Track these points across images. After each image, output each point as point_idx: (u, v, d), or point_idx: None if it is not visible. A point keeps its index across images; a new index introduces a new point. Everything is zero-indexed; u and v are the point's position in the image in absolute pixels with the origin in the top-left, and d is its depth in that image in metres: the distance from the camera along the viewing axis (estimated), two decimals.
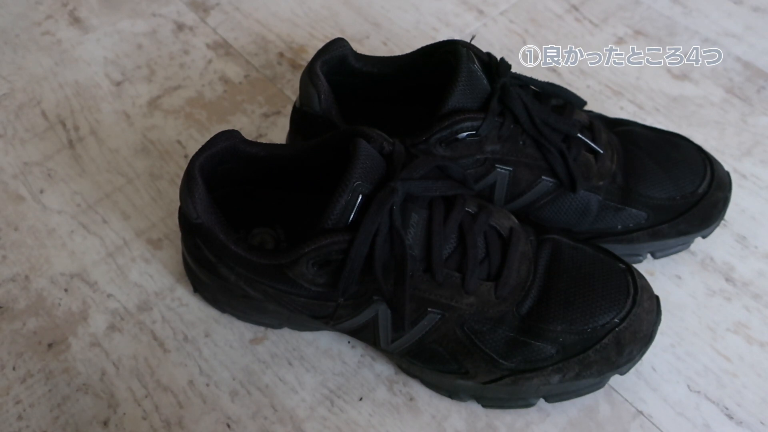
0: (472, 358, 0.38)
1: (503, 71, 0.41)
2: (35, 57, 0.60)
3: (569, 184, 0.42)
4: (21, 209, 0.50)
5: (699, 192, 0.45)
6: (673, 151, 0.46)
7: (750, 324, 0.45)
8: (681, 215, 0.44)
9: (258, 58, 0.60)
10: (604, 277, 0.39)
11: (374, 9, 0.65)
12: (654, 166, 0.45)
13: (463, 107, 0.40)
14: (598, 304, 0.38)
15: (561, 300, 0.38)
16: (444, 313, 0.37)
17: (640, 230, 0.45)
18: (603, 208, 0.44)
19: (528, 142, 0.42)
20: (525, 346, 0.38)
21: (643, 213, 0.44)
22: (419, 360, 0.40)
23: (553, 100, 0.44)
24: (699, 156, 0.46)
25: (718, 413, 0.41)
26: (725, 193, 0.46)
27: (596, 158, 0.43)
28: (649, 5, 0.65)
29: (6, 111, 0.56)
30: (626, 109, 0.57)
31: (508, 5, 0.65)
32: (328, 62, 0.43)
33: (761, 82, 0.59)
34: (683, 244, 0.46)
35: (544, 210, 0.44)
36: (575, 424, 0.41)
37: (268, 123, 0.56)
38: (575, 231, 0.44)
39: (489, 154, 0.41)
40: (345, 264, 0.34)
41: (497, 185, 0.43)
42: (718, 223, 0.46)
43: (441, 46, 0.42)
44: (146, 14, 0.64)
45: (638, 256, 0.46)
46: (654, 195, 0.44)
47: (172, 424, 0.41)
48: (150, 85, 0.58)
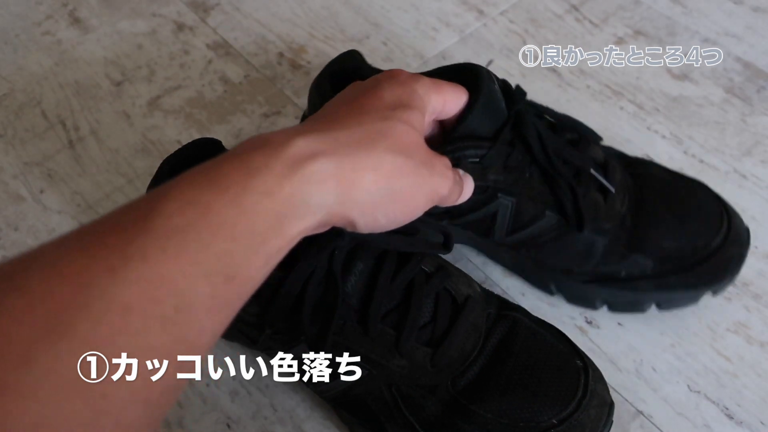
0: (395, 423, 0.36)
1: (518, 98, 0.39)
2: (35, 57, 0.60)
3: (576, 223, 0.40)
4: (21, 209, 0.50)
5: (712, 246, 0.42)
6: (690, 199, 0.43)
7: (750, 324, 0.45)
8: (690, 268, 0.41)
9: (258, 58, 0.60)
10: (555, 372, 0.36)
11: (374, 9, 0.65)
12: (666, 214, 0.42)
13: (473, 133, 0.38)
14: (539, 400, 0.34)
15: (501, 385, 0.35)
16: (371, 370, 0.35)
17: (646, 279, 0.42)
18: (608, 252, 0.42)
19: (535, 174, 0.40)
20: (450, 427, 0.35)
21: (649, 262, 0.41)
22: (346, 410, 0.38)
23: (567, 134, 0.42)
24: (717, 206, 0.43)
25: (718, 413, 0.41)
26: (741, 249, 0.42)
27: (606, 199, 0.41)
28: (649, 5, 0.65)
29: (6, 111, 0.56)
30: (626, 109, 0.57)
31: (508, 5, 0.65)
32: (339, 74, 0.42)
33: (761, 82, 0.59)
34: (692, 298, 0.43)
35: (545, 247, 0.42)
36: None
37: (268, 123, 0.56)
38: (576, 272, 0.43)
39: (492, 182, 0.40)
40: (273, 300, 0.33)
41: (499, 215, 0.41)
42: (731, 281, 0.43)
43: (460, 68, 0.40)
44: (146, 14, 0.64)
45: (642, 305, 0.43)
46: (663, 244, 0.41)
47: (172, 424, 0.41)
48: (150, 85, 0.58)
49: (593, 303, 0.44)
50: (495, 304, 0.39)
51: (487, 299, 0.38)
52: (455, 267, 0.39)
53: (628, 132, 0.55)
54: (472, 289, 0.38)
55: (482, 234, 0.43)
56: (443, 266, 0.37)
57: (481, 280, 0.46)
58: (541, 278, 0.45)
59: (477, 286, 0.39)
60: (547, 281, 0.45)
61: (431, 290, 0.35)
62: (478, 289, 0.38)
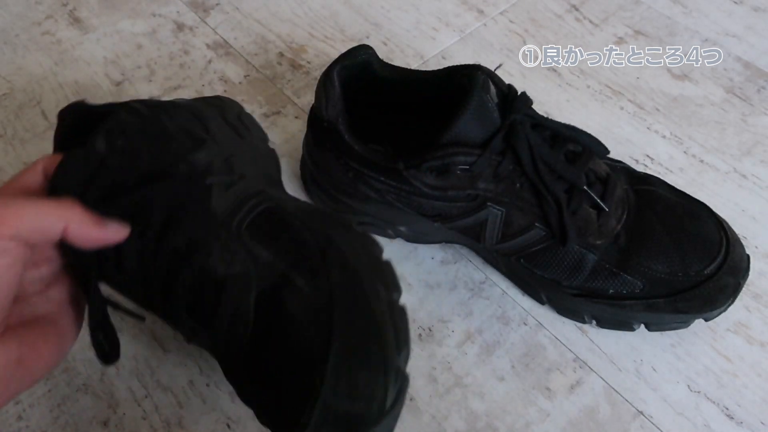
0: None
1: (519, 107, 0.39)
2: (35, 57, 0.60)
3: (560, 238, 0.40)
4: None
5: (705, 273, 0.41)
6: (690, 223, 0.42)
7: (750, 324, 0.45)
8: (679, 293, 0.41)
9: (258, 58, 0.60)
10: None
11: (374, 9, 0.65)
12: (663, 235, 0.41)
13: (463, 140, 0.38)
14: None
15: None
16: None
17: (634, 299, 0.41)
18: (597, 269, 0.41)
19: (526, 185, 0.40)
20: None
21: (638, 282, 0.41)
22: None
23: (570, 146, 0.41)
24: (717, 233, 0.42)
25: (718, 413, 0.41)
26: (737, 279, 0.41)
27: (599, 215, 0.41)
28: (649, 5, 0.65)
29: (6, 111, 0.56)
30: (626, 109, 0.57)
31: (508, 5, 0.65)
32: (349, 67, 0.42)
33: (761, 82, 0.59)
34: (682, 322, 0.42)
35: (535, 257, 0.42)
36: (575, 424, 0.41)
37: (268, 123, 0.56)
38: (565, 285, 0.42)
39: (481, 191, 0.40)
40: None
41: (488, 223, 0.41)
42: (724, 309, 0.42)
43: (462, 70, 0.41)
44: (146, 14, 0.64)
45: (631, 324, 0.43)
46: (653, 266, 0.41)
47: (172, 424, 0.41)
48: (150, 85, 0.58)
49: (582, 317, 0.44)
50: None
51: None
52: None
53: (628, 132, 0.55)
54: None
55: (474, 239, 0.43)
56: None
57: (481, 280, 0.46)
58: (532, 287, 0.45)
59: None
60: (539, 291, 0.45)
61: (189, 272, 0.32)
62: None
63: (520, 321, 0.45)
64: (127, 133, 0.33)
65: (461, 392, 0.42)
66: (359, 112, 0.46)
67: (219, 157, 0.35)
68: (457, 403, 0.41)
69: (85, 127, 0.36)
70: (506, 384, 0.42)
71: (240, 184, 0.35)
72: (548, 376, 0.43)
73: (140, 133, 0.34)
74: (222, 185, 0.34)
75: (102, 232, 0.30)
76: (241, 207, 0.33)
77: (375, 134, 0.46)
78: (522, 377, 0.42)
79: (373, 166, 0.42)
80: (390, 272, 0.33)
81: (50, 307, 0.32)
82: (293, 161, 0.53)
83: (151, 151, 0.33)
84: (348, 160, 0.42)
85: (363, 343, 0.29)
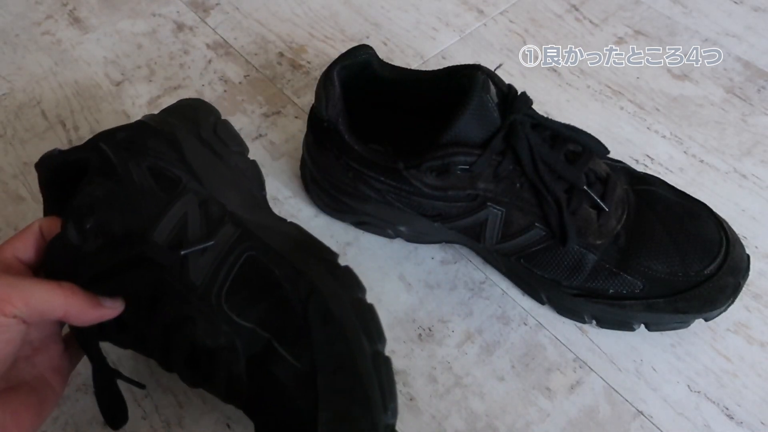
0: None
1: (519, 107, 0.39)
2: (35, 57, 0.60)
3: (560, 238, 0.40)
4: (21, 209, 0.50)
5: (705, 273, 0.41)
6: (690, 223, 0.42)
7: (750, 324, 0.45)
8: (679, 293, 0.41)
9: (258, 58, 0.60)
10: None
11: (374, 9, 0.65)
12: (663, 235, 0.41)
13: (463, 140, 0.38)
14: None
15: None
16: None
17: (634, 299, 0.41)
18: (597, 269, 0.41)
19: (525, 185, 0.40)
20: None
21: (638, 282, 0.41)
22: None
23: (570, 146, 0.41)
24: (718, 233, 0.42)
25: (718, 413, 0.41)
26: (737, 279, 0.41)
27: (599, 215, 0.41)
28: (649, 5, 0.65)
29: (6, 111, 0.56)
30: (626, 109, 0.57)
31: (508, 5, 0.65)
32: (349, 67, 0.42)
33: (761, 82, 0.59)
34: (682, 322, 0.42)
35: (535, 257, 0.42)
36: (575, 424, 0.41)
37: (268, 123, 0.56)
38: (565, 285, 0.42)
39: (481, 191, 0.40)
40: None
41: (488, 223, 0.41)
42: (724, 309, 0.42)
43: (462, 70, 0.41)
44: (146, 14, 0.64)
45: (631, 324, 0.43)
46: (653, 266, 0.41)
47: (172, 424, 0.41)
48: (150, 85, 0.58)
49: (582, 317, 0.44)
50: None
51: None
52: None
53: (628, 132, 0.55)
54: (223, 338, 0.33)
55: (474, 239, 0.43)
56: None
57: (481, 280, 0.46)
58: (532, 287, 0.45)
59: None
60: (539, 291, 0.44)
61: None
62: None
63: (520, 321, 0.45)
64: (96, 207, 0.34)
65: (461, 392, 0.42)
66: (359, 112, 0.46)
67: (193, 205, 0.35)
68: (457, 403, 0.41)
69: (64, 169, 0.37)
70: (506, 384, 0.42)
71: (219, 233, 0.35)
72: (548, 376, 0.43)
73: (108, 203, 0.34)
74: (197, 253, 0.34)
75: (99, 311, 0.32)
76: (219, 270, 0.34)
77: (375, 134, 0.46)
78: (522, 377, 0.42)
79: (373, 166, 0.42)
80: (373, 318, 0.33)
81: (35, 372, 0.33)
82: (293, 161, 0.53)
83: (123, 221, 0.34)
84: (348, 160, 0.42)
85: (349, 407, 0.30)
